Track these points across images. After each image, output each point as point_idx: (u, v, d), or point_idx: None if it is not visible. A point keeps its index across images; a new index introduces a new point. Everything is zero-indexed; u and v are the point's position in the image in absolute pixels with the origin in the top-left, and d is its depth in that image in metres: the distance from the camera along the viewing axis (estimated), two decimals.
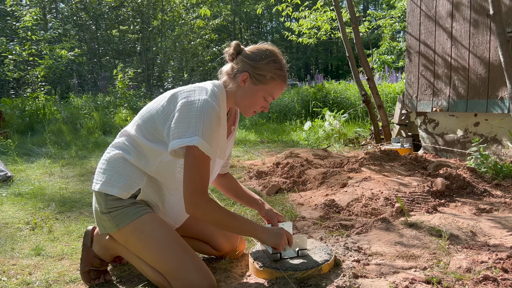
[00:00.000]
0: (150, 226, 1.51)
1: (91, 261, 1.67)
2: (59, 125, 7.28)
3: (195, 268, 1.47)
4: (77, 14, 17.35)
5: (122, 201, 1.53)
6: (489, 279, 1.47)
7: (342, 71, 33.30)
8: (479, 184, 2.91)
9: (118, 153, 1.58)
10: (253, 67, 1.53)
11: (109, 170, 1.56)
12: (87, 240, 1.73)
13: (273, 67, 1.54)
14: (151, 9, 17.13)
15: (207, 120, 1.42)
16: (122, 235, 1.54)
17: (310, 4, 7.67)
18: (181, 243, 1.52)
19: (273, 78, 1.55)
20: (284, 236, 1.59)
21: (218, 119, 1.47)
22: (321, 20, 7.46)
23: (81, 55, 12.23)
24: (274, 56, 1.56)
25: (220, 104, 1.53)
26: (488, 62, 3.83)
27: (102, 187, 1.54)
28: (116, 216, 1.52)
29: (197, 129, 1.40)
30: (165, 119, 1.51)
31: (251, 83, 1.55)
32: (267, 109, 1.62)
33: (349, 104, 8.26)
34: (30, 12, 8.23)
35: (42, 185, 3.55)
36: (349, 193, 2.70)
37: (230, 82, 1.59)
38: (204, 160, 1.43)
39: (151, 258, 1.51)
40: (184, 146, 1.41)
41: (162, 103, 1.55)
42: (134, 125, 1.61)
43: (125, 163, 1.56)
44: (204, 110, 1.42)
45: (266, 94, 1.57)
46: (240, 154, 5.02)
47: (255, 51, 1.56)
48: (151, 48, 16.77)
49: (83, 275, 1.67)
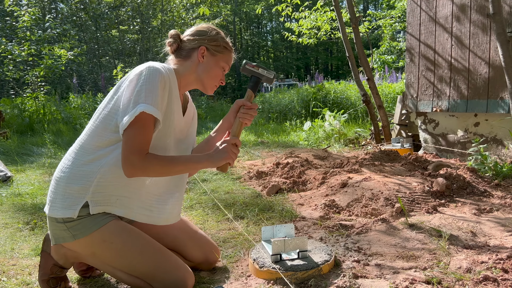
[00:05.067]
0: (119, 235, 1.46)
1: (52, 269, 1.61)
2: (59, 125, 7.28)
3: (173, 267, 1.47)
4: (77, 14, 17.34)
5: (80, 210, 1.46)
6: (489, 280, 1.47)
7: (342, 71, 33.32)
8: (479, 184, 2.90)
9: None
10: (207, 39, 1.60)
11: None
12: (46, 247, 1.65)
13: (221, 37, 1.63)
14: (151, 9, 17.13)
15: (149, 83, 1.41)
16: (86, 247, 1.48)
17: (310, 4, 7.67)
18: (155, 245, 1.50)
19: (225, 47, 1.63)
20: (228, 145, 1.51)
21: (164, 83, 1.45)
22: (321, 20, 7.46)
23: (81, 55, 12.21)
24: (216, 30, 1.64)
25: (169, 73, 1.51)
26: (488, 62, 3.83)
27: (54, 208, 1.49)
28: (73, 227, 1.45)
29: (139, 97, 1.39)
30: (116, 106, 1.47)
31: (210, 55, 1.60)
32: (224, 81, 1.67)
33: (349, 104, 8.25)
34: (28, 12, 8.22)
35: (42, 185, 3.54)
36: (349, 194, 2.70)
37: (182, 64, 1.60)
38: (145, 122, 1.40)
39: (127, 266, 1.48)
40: (133, 119, 1.38)
41: (107, 99, 1.53)
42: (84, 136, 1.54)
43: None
44: (147, 76, 1.42)
45: (224, 64, 1.63)
46: (240, 154, 5.02)
47: (200, 29, 1.63)
48: (151, 48, 16.77)
49: (42, 283, 1.60)
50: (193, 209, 2.69)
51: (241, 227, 2.32)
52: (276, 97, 10.12)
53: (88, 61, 17.03)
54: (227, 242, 2.10)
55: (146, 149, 1.41)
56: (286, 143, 5.89)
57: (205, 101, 13.51)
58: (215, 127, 1.76)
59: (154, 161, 1.42)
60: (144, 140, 1.41)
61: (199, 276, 1.71)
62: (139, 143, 1.39)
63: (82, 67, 16.50)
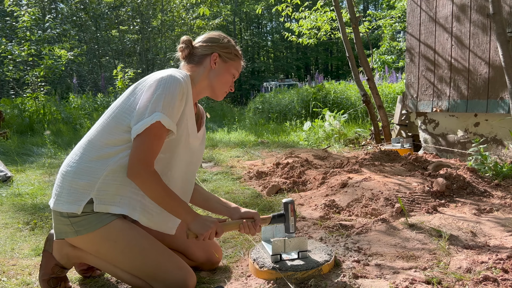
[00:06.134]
0: (123, 233, 1.47)
1: (53, 269, 1.62)
2: (59, 125, 7.29)
3: (174, 267, 1.47)
4: (77, 14, 17.34)
5: (85, 207, 1.47)
6: (489, 280, 1.47)
7: (342, 71, 33.32)
8: (479, 184, 2.90)
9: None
10: (220, 47, 1.63)
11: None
12: (48, 246, 1.66)
13: (232, 45, 1.67)
14: (151, 9, 17.13)
15: (168, 93, 1.42)
16: (89, 243, 1.49)
17: (310, 4, 7.67)
18: (157, 245, 1.50)
19: (236, 55, 1.67)
20: (211, 230, 1.49)
21: (183, 94, 1.47)
22: (321, 21, 7.46)
23: (81, 55, 12.22)
24: (227, 38, 1.68)
25: (187, 82, 1.53)
26: (488, 62, 3.83)
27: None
28: (77, 222, 1.46)
29: (157, 105, 1.41)
30: (130, 108, 1.48)
31: (221, 62, 1.63)
32: (233, 88, 1.71)
33: (349, 104, 8.26)
34: (28, 12, 8.22)
35: (42, 185, 3.54)
36: (349, 194, 2.70)
37: (195, 71, 1.62)
38: (158, 132, 1.42)
39: (128, 266, 1.49)
40: (148, 126, 1.39)
41: (122, 98, 1.54)
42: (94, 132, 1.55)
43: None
44: (167, 84, 1.44)
45: (234, 71, 1.67)
46: (240, 154, 5.02)
47: (211, 36, 1.65)
48: (151, 49, 16.78)
49: (42, 283, 1.61)
50: (193, 209, 2.69)
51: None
52: (276, 97, 10.12)
53: (88, 61, 17.03)
54: (227, 242, 2.10)
55: (152, 161, 1.43)
56: (286, 143, 5.89)
57: (205, 101, 13.51)
58: (223, 199, 1.78)
59: (156, 181, 1.43)
60: (154, 151, 1.43)
61: (199, 276, 1.71)
62: (148, 152, 1.41)
63: (82, 67, 16.50)
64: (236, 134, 7.36)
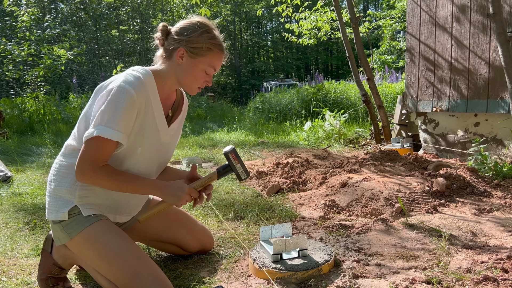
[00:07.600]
0: (103, 234, 1.45)
1: (50, 269, 1.62)
2: (58, 125, 7.28)
3: (151, 280, 1.40)
4: (77, 14, 17.34)
5: (72, 209, 1.49)
6: (489, 279, 1.47)
7: (342, 71, 33.30)
8: (479, 184, 2.90)
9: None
10: (186, 41, 1.50)
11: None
12: (47, 246, 1.67)
13: (207, 37, 1.52)
14: (151, 9, 17.14)
15: (113, 106, 1.40)
16: (76, 245, 1.48)
17: (310, 4, 7.67)
18: (137, 252, 1.46)
19: (209, 48, 1.52)
20: (184, 196, 1.48)
21: (133, 103, 1.42)
22: (321, 21, 7.46)
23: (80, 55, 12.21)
24: (205, 27, 1.53)
25: (146, 84, 1.49)
26: (488, 62, 3.83)
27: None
28: (67, 225, 1.48)
29: (101, 118, 1.39)
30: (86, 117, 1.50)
31: (189, 58, 1.52)
32: (210, 83, 1.60)
33: (349, 104, 8.26)
34: (28, 12, 8.22)
35: (42, 185, 3.54)
36: (349, 193, 2.70)
37: (165, 63, 1.56)
38: (100, 144, 1.40)
39: (105, 268, 1.45)
40: (89, 138, 1.40)
41: (89, 103, 1.55)
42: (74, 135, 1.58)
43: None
44: (114, 97, 1.41)
45: (206, 66, 1.54)
46: (240, 154, 5.02)
47: (185, 26, 1.53)
48: (151, 48, 16.77)
49: (41, 282, 1.61)
50: (193, 209, 2.69)
51: (241, 227, 2.32)
52: (276, 97, 10.12)
53: (88, 61, 17.04)
54: (227, 242, 2.10)
55: (99, 162, 1.42)
56: (286, 143, 5.89)
57: (205, 101, 13.51)
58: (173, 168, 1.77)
59: (105, 176, 1.42)
60: (99, 155, 1.41)
61: (199, 276, 1.71)
62: (93, 156, 1.41)
63: (82, 67, 16.51)
64: (236, 134, 7.36)
